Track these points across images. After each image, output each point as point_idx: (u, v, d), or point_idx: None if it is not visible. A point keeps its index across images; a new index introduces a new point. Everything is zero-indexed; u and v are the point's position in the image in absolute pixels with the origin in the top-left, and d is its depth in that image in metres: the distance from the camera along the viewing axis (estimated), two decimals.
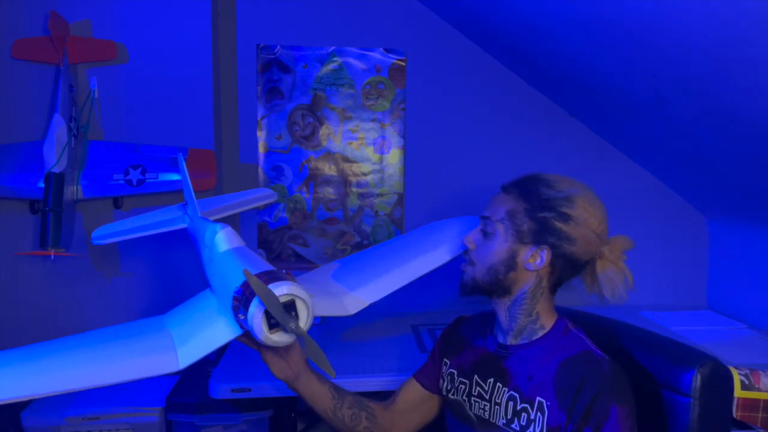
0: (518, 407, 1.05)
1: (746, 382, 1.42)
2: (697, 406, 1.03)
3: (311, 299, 0.94)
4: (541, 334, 1.10)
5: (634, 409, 1.00)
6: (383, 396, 1.34)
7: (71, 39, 1.95)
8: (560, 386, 1.01)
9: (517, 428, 1.05)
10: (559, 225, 1.06)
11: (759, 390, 1.41)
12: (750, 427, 1.42)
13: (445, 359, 1.25)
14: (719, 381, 1.05)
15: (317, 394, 1.19)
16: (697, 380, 1.02)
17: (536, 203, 1.08)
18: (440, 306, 2.26)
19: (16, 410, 1.81)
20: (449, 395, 1.21)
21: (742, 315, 2.08)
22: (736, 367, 1.43)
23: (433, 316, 2.16)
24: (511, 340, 1.13)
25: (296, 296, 0.92)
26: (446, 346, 1.27)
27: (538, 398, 1.03)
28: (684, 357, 1.08)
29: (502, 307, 1.13)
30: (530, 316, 1.10)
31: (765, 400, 1.42)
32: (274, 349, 1.12)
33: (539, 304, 1.11)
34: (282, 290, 0.91)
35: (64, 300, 2.05)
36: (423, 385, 1.28)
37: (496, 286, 1.11)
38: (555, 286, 1.12)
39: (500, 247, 1.10)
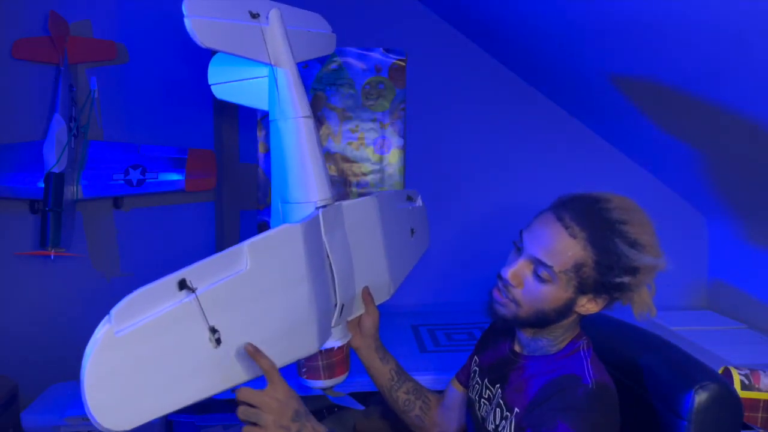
0: (503, 414, 1.06)
1: (746, 382, 1.42)
2: (692, 431, 0.95)
3: None
4: (553, 351, 1.07)
5: None
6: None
7: (71, 39, 1.95)
8: (533, 401, 1.00)
9: None
10: (628, 281, 0.96)
11: (759, 390, 1.41)
12: (750, 428, 1.42)
13: (475, 357, 1.26)
14: (721, 405, 0.95)
15: (377, 370, 1.28)
16: (694, 402, 0.94)
17: (612, 265, 0.95)
18: (441, 306, 2.27)
19: (16, 410, 1.81)
20: (469, 393, 1.22)
21: (742, 315, 2.08)
22: (736, 367, 1.43)
23: (433, 316, 2.16)
24: (524, 351, 1.12)
25: None
26: (479, 344, 1.27)
27: (516, 408, 1.03)
28: (685, 374, 1.00)
29: (530, 331, 1.08)
30: (554, 341, 1.06)
31: (765, 400, 1.42)
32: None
33: (569, 332, 1.06)
34: None
35: (64, 300, 2.05)
36: (461, 383, 1.29)
37: (540, 324, 1.04)
38: None
39: (559, 295, 0.99)
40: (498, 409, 1.07)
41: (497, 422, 1.07)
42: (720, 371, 1.40)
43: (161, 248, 2.10)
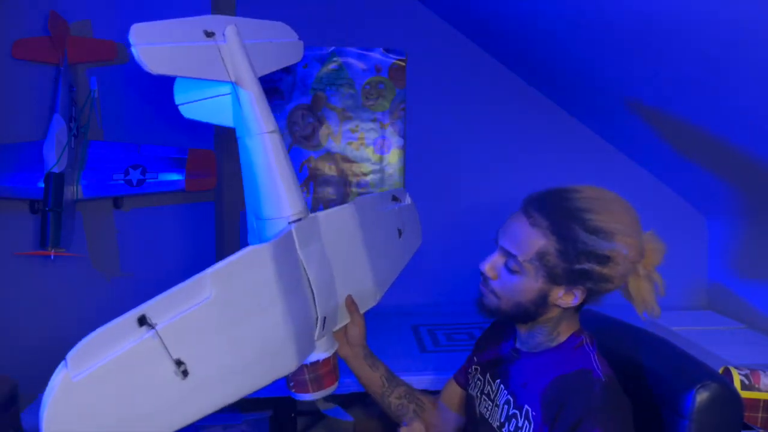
0: (510, 412, 1.06)
1: (746, 382, 1.42)
2: (693, 430, 0.96)
3: None
4: (553, 345, 1.07)
5: None
6: None
7: (71, 39, 1.95)
8: (546, 400, 0.99)
9: None
10: (598, 270, 0.96)
11: (759, 390, 1.41)
12: (750, 428, 1.42)
13: (474, 356, 1.26)
14: (722, 404, 0.97)
15: (367, 378, 1.29)
16: (695, 401, 0.96)
17: (573, 251, 0.96)
18: (441, 306, 2.27)
19: (16, 410, 1.81)
20: (468, 389, 1.23)
21: (742, 315, 2.08)
22: (736, 367, 1.43)
23: (433, 316, 2.16)
24: (524, 347, 1.12)
25: None
26: (479, 344, 1.29)
27: (526, 406, 1.03)
28: (686, 374, 1.02)
29: (523, 326, 1.10)
30: (550, 335, 1.07)
31: (765, 400, 1.42)
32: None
33: (562, 325, 1.07)
34: None
35: (64, 300, 2.05)
36: (458, 383, 1.30)
37: (522, 318, 1.05)
38: (582, 307, 1.07)
39: (530, 286, 1.01)
40: (506, 406, 1.07)
41: (502, 419, 1.07)
42: (720, 371, 1.40)
43: (161, 248, 2.10)
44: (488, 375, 1.16)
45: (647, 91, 1.73)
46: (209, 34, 1.05)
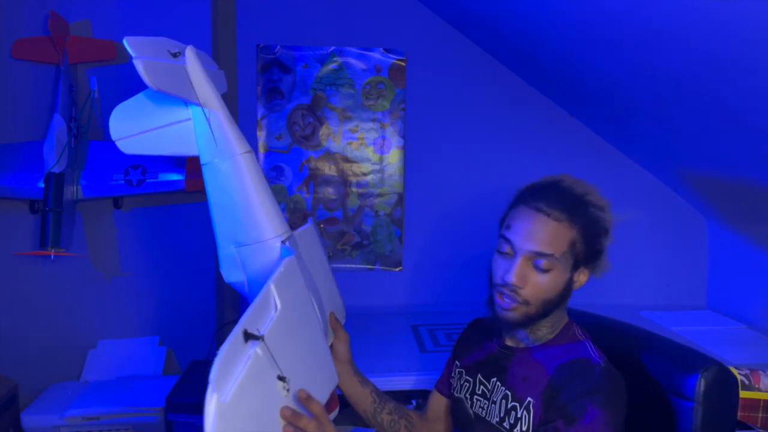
0: (509, 405, 1.07)
1: (746, 382, 1.42)
2: (701, 411, 1.02)
3: None
4: (551, 337, 1.09)
5: (619, 419, 0.97)
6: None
7: (71, 39, 1.95)
8: (549, 388, 1.02)
9: (507, 426, 1.06)
10: (605, 242, 1.06)
11: (759, 390, 1.42)
12: (750, 427, 1.42)
13: (456, 361, 1.26)
14: (723, 386, 1.04)
15: (358, 396, 1.25)
16: (701, 385, 1.02)
17: (599, 232, 1.04)
18: (441, 305, 2.27)
19: (16, 410, 1.81)
20: (454, 393, 1.22)
21: (742, 315, 2.07)
22: (736, 367, 1.43)
23: (433, 316, 2.16)
24: (518, 344, 1.12)
25: None
26: (458, 348, 1.28)
27: (528, 398, 1.04)
28: (689, 361, 1.08)
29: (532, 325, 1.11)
30: (552, 327, 1.09)
31: (765, 400, 1.42)
32: None
33: (561, 317, 1.10)
34: None
35: (64, 300, 2.05)
36: (441, 393, 1.29)
37: (546, 313, 1.07)
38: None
39: (560, 278, 1.04)
40: (504, 401, 1.07)
41: (502, 414, 1.07)
42: None
43: (161, 248, 2.10)
44: (479, 375, 1.16)
45: (647, 90, 1.73)
46: (175, 55, 1.00)
